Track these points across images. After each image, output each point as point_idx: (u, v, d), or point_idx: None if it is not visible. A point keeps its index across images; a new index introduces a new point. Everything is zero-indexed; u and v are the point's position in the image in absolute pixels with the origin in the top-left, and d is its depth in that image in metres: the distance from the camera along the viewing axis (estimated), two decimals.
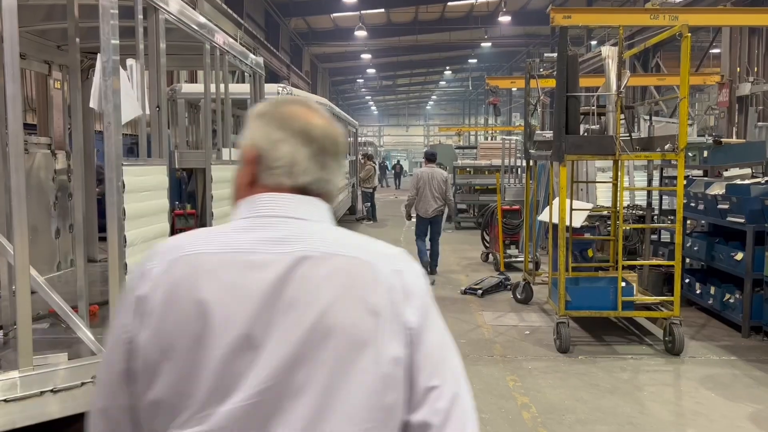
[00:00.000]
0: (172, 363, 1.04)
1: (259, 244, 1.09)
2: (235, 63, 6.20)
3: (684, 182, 5.93)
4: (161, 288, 1.07)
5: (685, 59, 5.47)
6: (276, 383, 1.02)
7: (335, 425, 1.02)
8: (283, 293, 1.05)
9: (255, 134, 1.18)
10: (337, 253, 1.09)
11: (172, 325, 1.05)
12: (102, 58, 3.46)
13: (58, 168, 5.81)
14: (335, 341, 1.03)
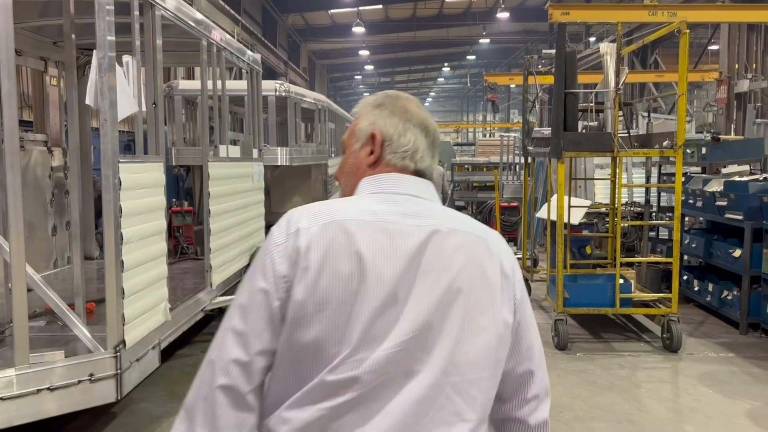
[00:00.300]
0: (327, 313, 1.18)
1: (396, 216, 1.26)
2: (232, 60, 6.19)
3: (682, 179, 5.93)
4: (319, 247, 1.20)
5: (684, 56, 5.47)
6: (416, 335, 1.19)
7: (462, 370, 1.22)
8: (422, 260, 1.22)
9: (378, 122, 1.37)
10: (459, 230, 1.29)
11: (328, 280, 1.18)
12: (98, 55, 3.45)
13: (54, 165, 5.80)
14: (462, 302, 1.23)
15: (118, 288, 3.52)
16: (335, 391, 1.17)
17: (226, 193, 5.85)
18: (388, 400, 1.19)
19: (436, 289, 1.22)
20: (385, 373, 1.18)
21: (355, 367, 1.17)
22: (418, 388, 1.19)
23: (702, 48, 16.59)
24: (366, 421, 1.17)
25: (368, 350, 1.17)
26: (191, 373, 4.71)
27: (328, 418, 1.17)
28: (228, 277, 5.91)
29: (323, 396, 1.18)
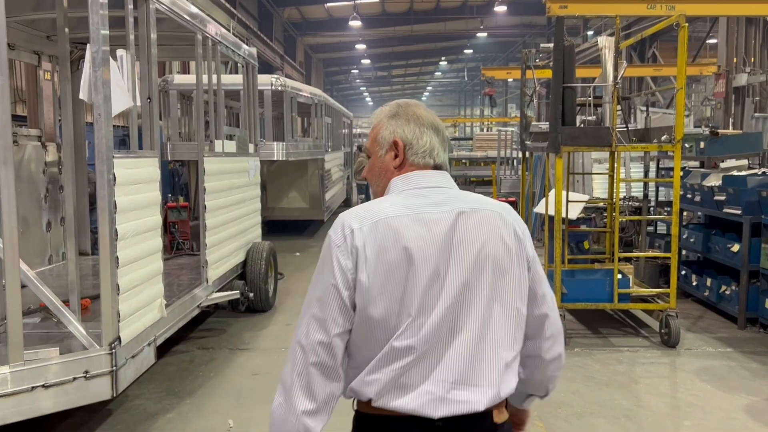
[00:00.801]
0: (387, 294, 1.50)
1: (427, 207, 1.57)
2: (228, 53, 6.17)
3: (680, 173, 5.93)
4: (373, 242, 1.51)
5: (682, 49, 5.46)
6: (457, 299, 1.52)
7: (495, 320, 1.55)
8: (453, 238, 1.54)
9: (398, 130, 1.67)
10: (479, 208, 1.60)
11: (384, 268, 1.50)
12: (92, 49, 3.43)
13: (48, 160, 5.77)
14: (489, 268, 1.55)
15: (113, 284, 3.51)
16: (402, 353, 1.51)
17: (221, 188, 5.84)
18: (443, 354, 1.52)
19: (468, 260, 1.54)
20: (438, 334, 1.51)
21: (415, 332, 1.50)
22: (464, 340, 1.53)
23: (700, 42, 16.59)
24: (429, 373, 1.51)
25: (424, 317, 1.50)
26: (187, 370, 4.74)
27: (399, 375, 1.51)
28: (224, 273, 5.90)
29: (393, 359, 1.51)
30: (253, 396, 4.65)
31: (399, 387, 1.52)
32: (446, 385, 1.52)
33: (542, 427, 4.15)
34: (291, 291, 7.96)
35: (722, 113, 12.79)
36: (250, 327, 6.35)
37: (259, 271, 6.57)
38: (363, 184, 17.40)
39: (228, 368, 5.21)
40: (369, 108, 66.46)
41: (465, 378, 1.53)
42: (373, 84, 52.66)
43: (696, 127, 11.32)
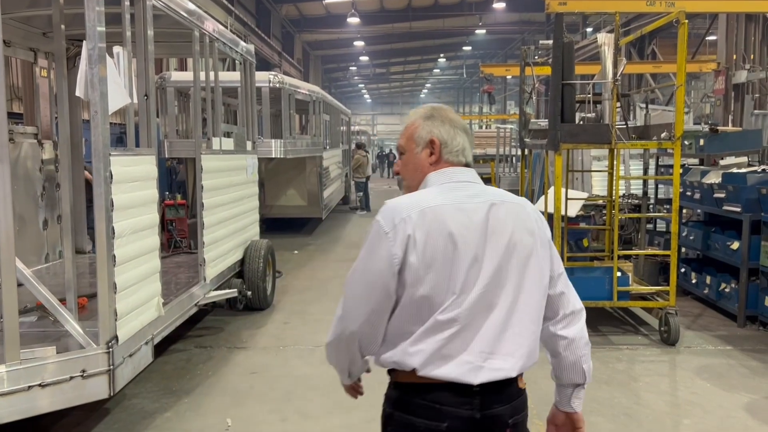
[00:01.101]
0: (433, 274, 1.69)
1: (465, 198, 1.78)
2: (226, 50, 6.15)
3: (680, 171, 5.93)
4: (421, 228, 1.70)
5: (682, 46, 5.46)
6: (492, 280, 1.73)
7: (524, 297, 1.77)
8: (488, 226, 1.75)
9: (434, 130, 1.87)
10: (504, 200, 1.82)
11: (432, 250, 1.69)
12: (88, 46, 3.41)
13: (45, 158, 5.76)
14: (517, 252, 1.77)
15: (110, 283, 3.50)
16: (445, 326, 1.70)
17: (219, 186, 5.83)
18: (480, 327, 1.73)
19: (500, 246, 1.76)
20: (476, 309, 1.72)
21: (457, 307, 1.70)
22: (498, 315, 1.74)
23: (700, 38, 16.58)
24: (468, 345, 1.71)
25: (465, 294, 1.71)
26: (185, 368, 4.73)
27: (442, 346, 1.70)
28: (222, 271, 5.89)
29: (437, 332, 1.70)
30: (251, 395, 4.64)
31: (441, 357, 1.71)
32: (483, 355, 1.73)
33: (541, 425, 4.15)
34: (289, 289, 7.96)
35: (722, 110, 12.79)
36: (248, 325, 6.35)
37: (257, 270, 6.56)
38: (361, 182, 17.37)
39: (226, 367, 5.20)
40: (367, 105, 66.42)
41: (499, 348, 1.75)
42: (372, 81, 52.60)
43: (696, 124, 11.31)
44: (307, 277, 8.71)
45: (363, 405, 4.44)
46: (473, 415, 1.72)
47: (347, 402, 4.56)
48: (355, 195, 18.03)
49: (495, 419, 1.75)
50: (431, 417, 1.72)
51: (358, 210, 17.34)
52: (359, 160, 17.44)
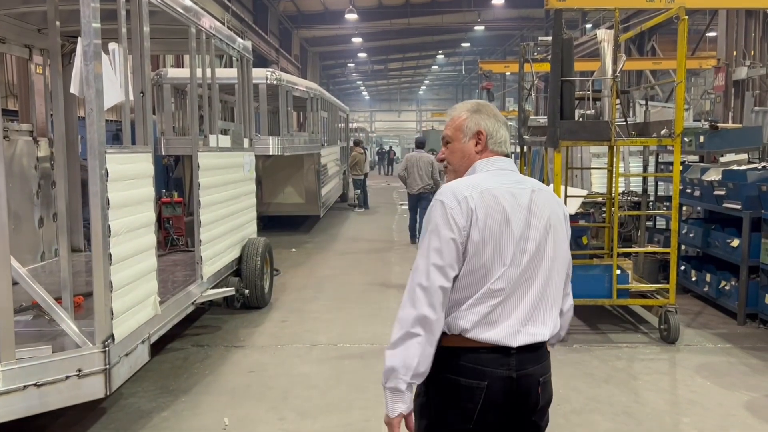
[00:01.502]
0: (490, 247, 1.96)
1: (512, 183, 2.05)
2: (222, 47, 6.14)
3: (680, 168, 5.93)
4: (481, 206, 1.96)
5: (682, 43, 5.45)
6: (534, 255, 2.01)
7: (555, 275, 2.07)
8: (531, 209, 2.03)
9: (481, 122, 2.13)
10: (541, 188, 2.11)
11: (490, 226, 1.96)
12: (83, 42, 3.40)
13: (40, 155, 5.75)
14: (552, 233, 2.07)
15: (106, 281, 3.49)
16: (495, 294, 1.97)
17: (216, 183, 5.82)
18: (523, 296, 2.00)
19: (540, 227, 2.04)
20: (520, 281, 1.99)
21: (506, 277, 1.97)
22: (536, 287, 2.02)
23: (700, 35, 16.58)
24: (511, 312, 1.98)
25: (515, 266, 1.98)
26: (182, 367, 4.72)
27: (489, 311, 1.96)
28: (219, 270, 5.89)
29: (487, 298, 1.97)
30: (248, 394, 4.64)
31: (488, 322, 1.97)
32: (522, 322, 2.00)
33: None
34: (287, 287, 7.95)
35: (722, 107, 12.79)
36: (246, 324, 6.34)
37: (255, 268, 6.56)
38: (359, 179, 17.37)
39: (223, 366, 5.20)
40: (365, 102, 66.36)
41: (535, 316, 2.02)
42: (370, 78, 52.55)
43: (695, 121, 11.32)
44: (305, 275, 8.70)
45: (361, 404, 4.45)
46: (510, 374, 1.97)
47: (345, 401, 4.57)
48: (354, 192, 18.02)
49: (528, 378, 2.00)
50: (474, 376, 1.96)
51: (356, 207, 17.33)
52: (356, 158, 17.43)
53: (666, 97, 15.47)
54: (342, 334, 6.05)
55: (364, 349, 5.64)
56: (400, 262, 9.54)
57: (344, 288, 7.97)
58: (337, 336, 6.00)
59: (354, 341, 5.85)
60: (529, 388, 2.00)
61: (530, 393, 2.01)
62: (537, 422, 2.07)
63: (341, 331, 6.19)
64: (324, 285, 8.12)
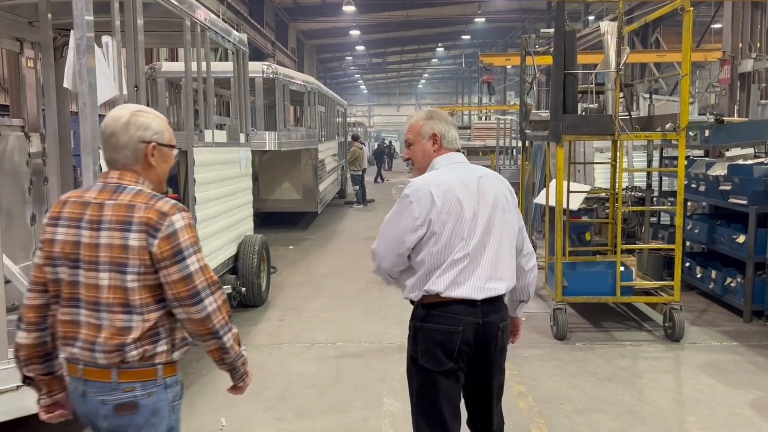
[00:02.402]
0: (449, 226, 2.54)
1: (462, 173, 2.65)
2: (218, 40, 6.13)
3: (684, 163, 5.93)
4: (439, 194, 2.55)
5: (687, 35, 5.45)
6: (486, 228, 2.59)
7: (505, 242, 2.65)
8: (479, 192, 2.61)
9: (435, 126, 2.73)
10: (487, 174, 2.70)
11: (447, 212, 2.54)
12: (76, 35, 3.40)
13: (32, 151, 5.73)
14: (499, 208, 2.64)
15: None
16: (458, 262, 2.56)
17: (212, 179, 5.82)
18: (480, 261, 2.59)
19: (488, 204, 2.63)
20: (477, 249, 2.58)
21: (465, 249, 2.56)
22: (490, 252, 2.61)
23: (705, 26, 16.58)
24: (473, 273, 2.58)
25: (470, 240, 2.57)
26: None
27: (456, 276, 2.56)
28: (215, 267, 5.89)
29: (453, 266, 2.56)
30: (246, 394, 4.62)
31: (456, 283, 2.57)
32: (483, 280, 2.60)
33: (544, 424, 4.16)
34: (284, 285, 7.96)
35: (727, 100, 12.80)
36: (242, 323, 6.35)
37: (252, 265, 6.56)
38: (357, 175, 17.37)
39: None
40: (364, 96, 66.32)
41: (494, 275, 2.62)
42: (368, 71, 52.50)
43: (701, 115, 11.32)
44: (303, 272, 8.71)
45: (360, 404, 4.46)
46: (477, 321, 2.60)
47: (345, 401, 4.58)
48: (352, 188, 18.02)
49: (491, 324, 2.64)
50: (451, 323, 2.58)
51: (354, 204, 17.33)
52: (356, 152, 17.41)
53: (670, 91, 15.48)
54: (341, 333, 6.06)
55: (363, 347, 5.65)
56: None
57: (343, 286, 7.98)
58: (336, 335, 6.01)
59: (353, 340, 5.86)
60: (492, 332, 2.64)
61: (492, 335, 2.64)
62: (498, 361, 2.72)
63: (340, 329, 6.20)
64: (322, 283, 8.13)
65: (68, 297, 2.07)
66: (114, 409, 2.04)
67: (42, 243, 2.10)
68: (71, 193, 2.14)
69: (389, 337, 5.94)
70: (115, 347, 2.01)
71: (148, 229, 1.99)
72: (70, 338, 2.07)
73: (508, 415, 4.26)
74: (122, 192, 2.06)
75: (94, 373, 2.05)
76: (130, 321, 2.02)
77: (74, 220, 2.07)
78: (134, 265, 2.00)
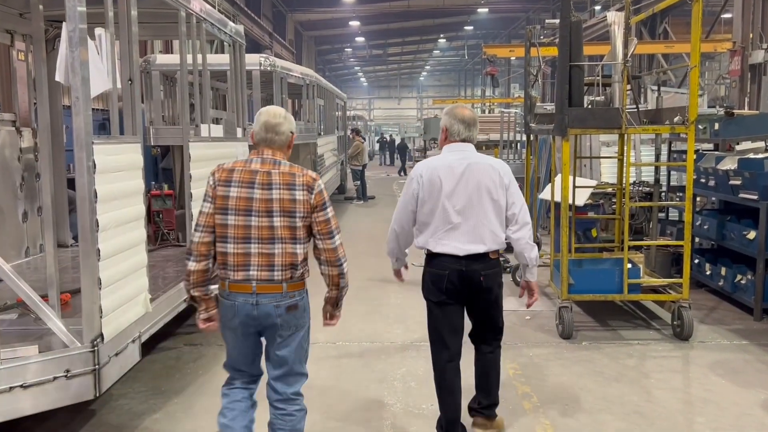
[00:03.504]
0: (432, 197, 3.63)
1: (455, 160, 3.64)
2: (213, 31, 6.12)
3: (694, 157, 5.93)
4: (426, 174, 3.64)
5: (696, 25, 5.44)
6: (466, 204, 3.61)
7: (487, 214, 3.62)
8: (463, 175, 3.61)
9: (445, 122, 3.73)
10: (480, 162, 3.65)
11: (429, 187, 3.62)
12: (68, 27, 3.39)
13: (23, 146, 5.74)
14: (485, 190, 3.61)
15: (94, 278, 3.50)
16: (441, 227, 3.61)
17: (208, 175, 5.81)
18: (461, 229, 3.58)
19: (470, 186, 3.58)
20: (460, 219, 3.58)
21: (448, 218, 3.58)
22: (471, 223, 3.59)
23: (714, 16, 16.54)
24: (455, 237, 3.59)
25: (451, 212, 3.58)
26: (174, 367, 4.73)
27: (442, 238, 3.60)
28: None
29: (437, 231, 3.62)
30: None
31: (443, 244, 3.61)
32: (462, 242, 3.60)
33: (549, 425, 4.17)
34: None
35: (738, 92, 12.79)
36: None
37: None
38: (357, 170, 17.36)
39: (217, 365, 5.20)
40: (364, 89, 66.25)
41: (473, 240, 3.60)
42: (368, 63, 52.46)
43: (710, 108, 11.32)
44: None
45: (362, 405, 4.47)
46: (461, 268, 3.61)
47: (343, 404, 4.59)
48: (353, 183, 18.00)
49: (473, 271, 3.62)
50: (441, 269, 3.65)
51: (354, 200, 17.31)
52: (359, 147, 17.36)
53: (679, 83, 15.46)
54: (341, 332, 6.05)
55: (363, 347, 5.66)
56: None
57: None
58: (336, 334, 6.00)
59: (353, 339, 5.87)
60: (473, 276, 3.63)
61: (473, 278, 3.63)
62: (484, 296, 3.71)
63: (340, 328, 6.16)
64: (321, 281, 8.10)
65: (241, 236, 3.04)
66: (285, 310, 3.12)
67: (213, 198, 3.08)
68: (235, 163, 3.12)
69: (390, 336, 5.94)
70: (289, 267, 3.09)
71: (307, 188, 3.07)
72: (243, 265, 3.05)
73: (513, 416, 4.29)
74: (280, 165, 3.09)
75: (267, 287, 3.07)
76: (296, 249, 3.09)
77: (246, 182, 3.04)
78: (300, 211, 3.05)
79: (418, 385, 4.77)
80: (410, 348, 5.63)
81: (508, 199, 3.63)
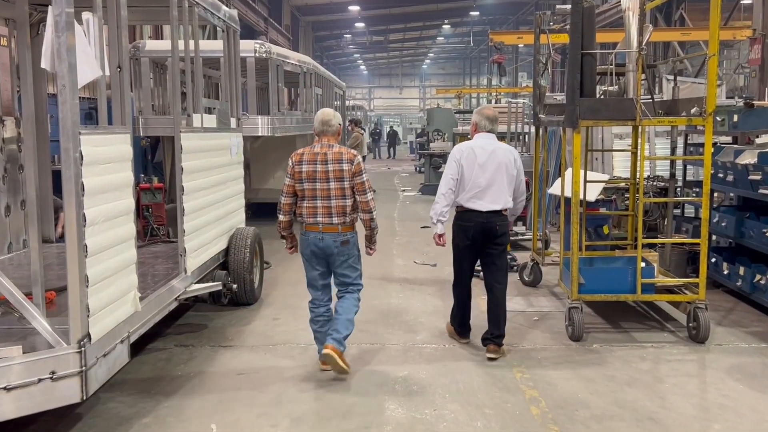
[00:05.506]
0: (467, 169, 5.47)
1: (484, 144, 5.55)
2: (206, 16, 6.12)
3: (711, 150, 5.92)
4: (465, 152, 5.52)
5: (715, 11, 5.43)
6: (492, 175, 5.46)
7: (503, 184, 5.48)
8: (491, 154, 5.49)
9: (474, 118, 5.70)
10: (501, 147, 5.58)
11: (467, 159, 5.48)
12: (54, 11, 3.39)
13: (6, 137, 5.75)
14: (503, 167, 5.49)
15: (81, 275, 3.51)
16: (471, 190, 5.45)
17: (200, 167, 5.83)
18: (487, 192, 5.44)
19: (495, 162, 5.45)
20: (484, 185, 5.43)
21: (477, 184, 5.44)
22: (494, 188, 5.45)
23: (734, 2, 16.52)
24: (482, 198, 5.43)
25: (479, 179, 5.44)
26: (165, 369, 4.76)
27: (471, 197, 5.45)
28: (204, 262, 5.91)
29: (469, 192, 5.45)
30: (238, 398, 4.67)
31: (472, 202, 5.41)
32: (487, 202, 5.40)
33: (557, 430, 4.18)
34: (279, 282, 7.97)
35: (757, 82, 12.77)
36: (234, 322, 6.37)
37: (243, 260, 6.58)
38: None
39: (210, 367, 5.23)
40: (364, 77, 66.21)
41: (494, 201, 5.40)
42: (368, 50, 52.40)
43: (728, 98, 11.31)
44: (298, 268, 8.62)
45: (361, 409, 4.48)
46: (482, 220, 5.38)
47: (342, 405, 4.60)
48: None
49: (492, 223, 5.39)
50: (468, 221, 5.43)
51: None
52: (359, 138, 17.35)
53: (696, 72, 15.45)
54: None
55: (363, 349, 5.67)
56: (402, 254, 9.56)
57: None
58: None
59: (352, 341, 5.87)
60: (491, 226, 5.36)
61: (491, 228, 5.37)
62: (499, 242, 5.44)
63: None
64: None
65: (310, 196, 4.86)
66: (341, 244, 4.90)
67: (293, 174, 4.88)
68: (304, 149, 4.92)
69: (391, 337, 5.95)
70: (341, 214, 4.86)
71: (350, 161, 4.85)
72: (312, 214, 4.88)
73: (519, 422, 4.30)
74: (333, 148, 4.90)
75: (329, 228, 4.87)
76: (346, 202, 4.86)
77: (311, 161, 4.84)
78: (347, 177, 4.83)
79: (420, 389, 4.78)
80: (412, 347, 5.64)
81: (517, 176, 5.49)
